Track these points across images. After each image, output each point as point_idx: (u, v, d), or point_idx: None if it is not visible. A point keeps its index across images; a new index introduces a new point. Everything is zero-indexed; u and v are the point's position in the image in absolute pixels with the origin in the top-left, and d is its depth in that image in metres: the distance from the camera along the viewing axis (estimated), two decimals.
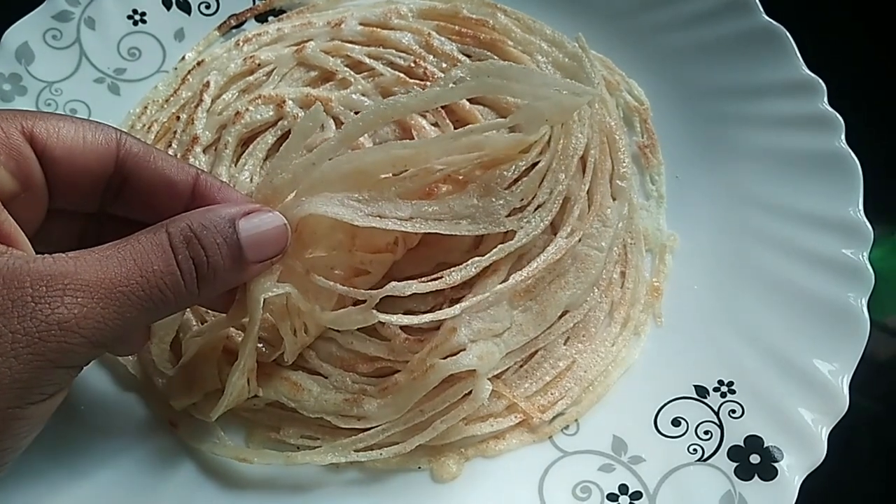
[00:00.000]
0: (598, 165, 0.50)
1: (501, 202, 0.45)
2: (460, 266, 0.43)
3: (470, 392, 0.43)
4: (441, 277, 0.42)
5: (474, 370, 0.43)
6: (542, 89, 0.44)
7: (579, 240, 0.48)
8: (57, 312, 0.30)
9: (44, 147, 0.34)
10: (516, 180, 0.45)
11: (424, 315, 0.42)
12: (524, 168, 0.46)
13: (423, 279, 0.41)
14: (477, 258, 0.43)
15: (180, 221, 0.35)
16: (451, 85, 0.41)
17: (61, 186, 0.36)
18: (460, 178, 0.45)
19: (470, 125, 0.46)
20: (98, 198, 0.38)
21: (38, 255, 0.31)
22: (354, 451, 0.43)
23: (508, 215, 0.45)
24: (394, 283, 0.41)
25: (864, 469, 0.50)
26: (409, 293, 0.41)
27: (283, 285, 0.39)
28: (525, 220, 0.46)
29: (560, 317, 0.47)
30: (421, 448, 0.44)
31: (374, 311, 0.40)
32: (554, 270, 0.47)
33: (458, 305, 0.43)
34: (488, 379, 0.44)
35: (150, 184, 0.37)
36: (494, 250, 0.44)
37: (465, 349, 0.43)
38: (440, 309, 0.45)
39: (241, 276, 0.37)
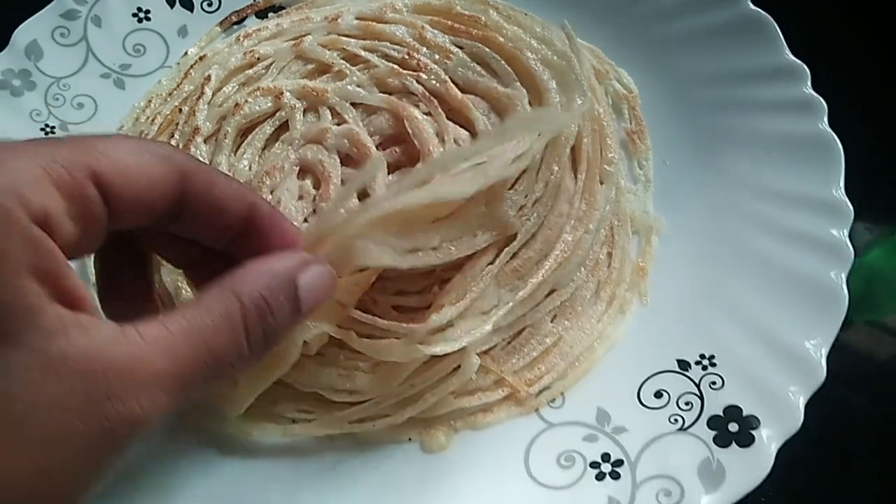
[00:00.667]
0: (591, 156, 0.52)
1: (509, 202, 0.47)
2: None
3: (459, 367, 0.45)
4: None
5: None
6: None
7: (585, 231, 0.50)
8: (129, 410, 0.28)
9: (109, 187, 0.31)
10: (518, 179, 0.47)
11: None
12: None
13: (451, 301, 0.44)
14: (489, 268, 0.46)
15: (251, 288, 0.33)
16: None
17: (121, 220, 0.33)
18: None
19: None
20: (154, 224, 0.36)
21: (111, 334, 0.29)
22: (348, 423, 0.45)
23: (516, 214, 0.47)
24: (435, 316, 0.43)
25: (864, 469, 0.50)
26: (446, 321, 0.44)
27: (319, 324, 0.41)
28: (525, 218, 0.47)
29: (547, 295, 0.49)
30: (411, 420, 0.45)
31: (419, 346, 0.42)
32: (541, 251, 0.49)
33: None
34: (476, 354, 0.45)
35: (209, 213, 0.35)
36: (502, 255, 0.46)
37: (452, 326, 0.44)
38: (430, 290, 0.47)
39: (293, 328, 0.36)
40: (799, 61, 0.54)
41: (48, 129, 0.58)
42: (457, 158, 0.42)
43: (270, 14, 0.64)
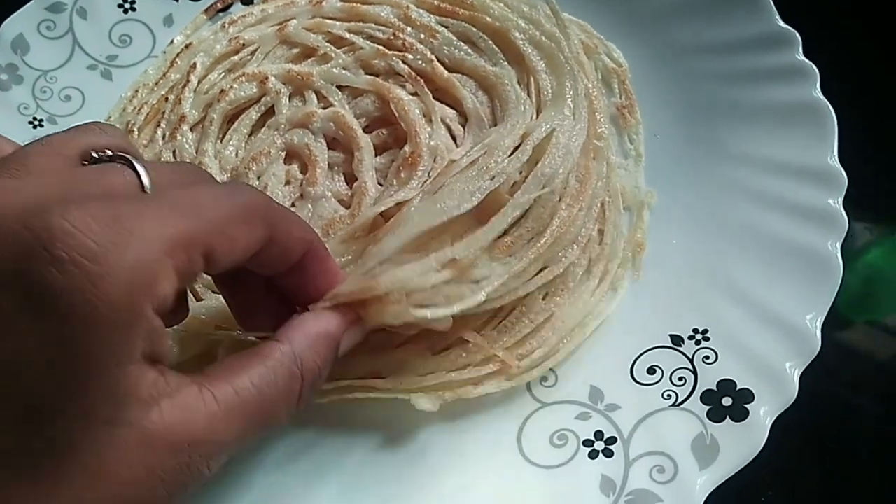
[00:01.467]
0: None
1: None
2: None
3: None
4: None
5: None
6: None
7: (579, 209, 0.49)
8: (202, 475, 0.31)
9: (213, 260, 0.32)
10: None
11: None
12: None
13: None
14: (482, 230, 0.44)
15: (312, 362, 0.35)
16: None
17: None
18: None
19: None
20: None
21: (192, 401, 0.30)
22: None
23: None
24: None
25: (864, 469, 0.50)
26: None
27: None
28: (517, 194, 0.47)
29: (538, 272, 0.48)
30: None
31: (410, 309, 0.41)
32: (533, 229, 0.48)
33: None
34: (470, 332, 0.45)
35: (278, 255, 0.36)
36: (493, 221, 0.45)
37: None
38: None
39: None
40: (790, 27, 0.53)
41: (36, 123, 0.58)
42: None
43: (256, 0, 0.63)
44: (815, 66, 0.52)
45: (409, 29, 0.56)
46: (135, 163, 0.32)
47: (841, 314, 0.44)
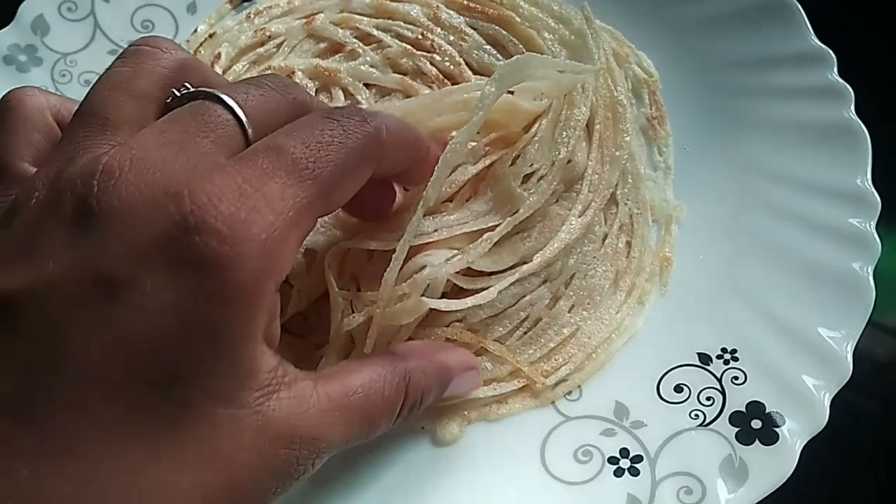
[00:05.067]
0: (602, 137, 0.50)
1: (512, 175, 0.46)
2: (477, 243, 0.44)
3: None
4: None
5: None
6: (552, 71, 0.45)
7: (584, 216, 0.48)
8: (306, 472, 0.32)
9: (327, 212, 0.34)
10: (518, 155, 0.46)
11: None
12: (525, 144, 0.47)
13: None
14: (489, 234, 0.44)
15: (420, 375, 0.37)
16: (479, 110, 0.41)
17: None
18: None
19: (460, 84, 0.48)
20: None
21: (307, 394, 0.32)
22: None
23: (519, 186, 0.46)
24: None
25: (863, 469, 0.50)
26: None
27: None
28: (530, 192, 0.46)
29: (567, 285, 0.48)
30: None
31: (422, 299, 0.41)
32: (518, 225, 0.47)
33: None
34: (492, 343, 0.45)
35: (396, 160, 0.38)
36: (502, 224, 0.45)
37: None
38: None
39: None
40: (825, 47, 0.53)
41: None
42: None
43: None
44: (849, 86, 0.51)
45: (438, 30, 0.56)
46: (225, 99, 0.32)
47: None
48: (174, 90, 0.34)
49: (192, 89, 0.34)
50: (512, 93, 0.46)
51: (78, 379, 0.27)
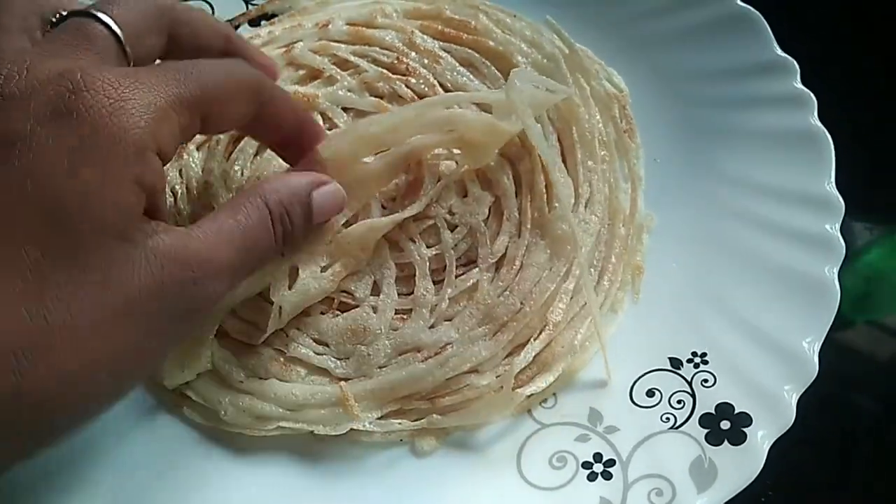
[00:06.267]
0: (569, 151, 0.52)
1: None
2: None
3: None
4: None
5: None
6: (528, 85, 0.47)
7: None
8: (208, 292, 0.36)
9: (212, 121, 0.40)
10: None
11: None
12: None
13: None
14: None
15: (274, 194, 0.41)
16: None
17: (207, 132, 0.44)
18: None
19: (441, 95, 0.50)
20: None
21: (186, 232, 0.36)
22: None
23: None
24: None
25: (863, 469, 0.50)
26: None
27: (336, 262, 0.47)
28: (584, 222, 0.49)
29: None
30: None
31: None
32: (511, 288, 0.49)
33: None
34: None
35: (265, 129, 0.45)
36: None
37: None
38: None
39: (307, 233, 0.44)
40: (788, 56, 0.54)
41: None
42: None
43: (263, 22, 0.64)
44: (812, 94, 0.53)
45: (413, 54, 0.57)
46: (100, 16, 0.38)
47: (841, 314, 0.45)
48: (51, 18, 0.40)
49: (65, 13, 0.39)
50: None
51: None
